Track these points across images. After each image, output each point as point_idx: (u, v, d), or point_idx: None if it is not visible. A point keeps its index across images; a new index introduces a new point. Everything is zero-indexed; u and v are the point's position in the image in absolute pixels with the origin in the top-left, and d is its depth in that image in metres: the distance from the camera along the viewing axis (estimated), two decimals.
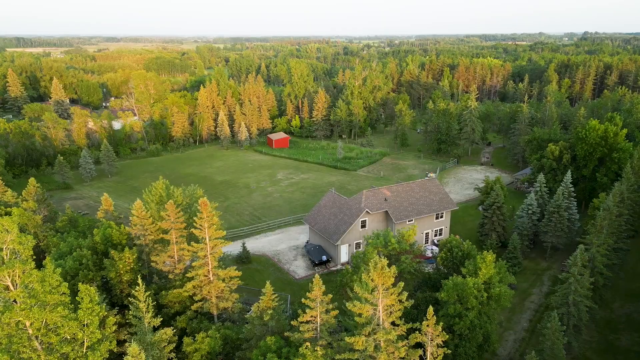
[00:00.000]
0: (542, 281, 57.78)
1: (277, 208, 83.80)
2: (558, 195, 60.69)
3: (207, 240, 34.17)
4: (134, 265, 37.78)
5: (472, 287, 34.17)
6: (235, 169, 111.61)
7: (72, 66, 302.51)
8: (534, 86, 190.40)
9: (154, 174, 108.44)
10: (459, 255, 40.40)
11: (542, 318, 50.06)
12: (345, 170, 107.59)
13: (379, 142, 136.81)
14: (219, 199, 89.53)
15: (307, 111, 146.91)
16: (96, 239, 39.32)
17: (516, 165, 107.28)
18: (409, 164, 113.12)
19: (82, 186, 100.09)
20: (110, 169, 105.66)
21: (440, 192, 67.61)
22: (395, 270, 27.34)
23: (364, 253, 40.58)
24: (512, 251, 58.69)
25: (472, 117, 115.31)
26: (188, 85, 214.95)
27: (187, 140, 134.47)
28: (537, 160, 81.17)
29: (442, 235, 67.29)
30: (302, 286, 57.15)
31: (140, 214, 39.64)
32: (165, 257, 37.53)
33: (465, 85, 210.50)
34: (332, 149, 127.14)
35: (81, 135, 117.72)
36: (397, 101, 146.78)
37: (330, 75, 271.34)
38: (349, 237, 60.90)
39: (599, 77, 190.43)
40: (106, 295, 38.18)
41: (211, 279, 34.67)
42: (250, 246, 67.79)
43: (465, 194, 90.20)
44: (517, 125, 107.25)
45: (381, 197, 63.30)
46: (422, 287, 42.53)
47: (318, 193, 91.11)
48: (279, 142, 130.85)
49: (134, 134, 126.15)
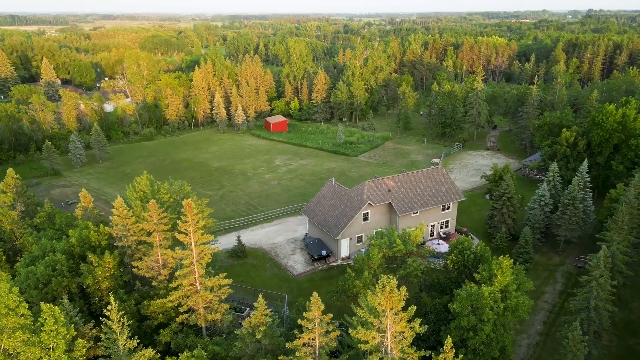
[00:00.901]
0: (556, 278, 54.42)
1: (275, 197, 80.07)
2: (573, 186, 56.84)
3: (193, 246, 30.46)
4: (114, 270, 34.19)
5: (488, 298, 30.63)
6: (232, 154, 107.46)
7: (65, 45, 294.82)
8: (541, 66, 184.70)
9: (147, 159, 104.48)
10: (470, 259, 36.77)
11: (557, 320, 46.95)
12: (345, 156, 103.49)
13: (380, 125, 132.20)
14: (214, 186, 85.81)
15: (306, 93, 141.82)
16: (72, 240, 35.63)
17: (524, 150, 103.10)
18: (412, 148, 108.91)
19: (71, 172, 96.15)
20: (101, 154, 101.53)
21: (446, 181, 63.73)
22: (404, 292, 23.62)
23: (368, 255, 36.95)
24: (523, 245, 55.19)
25: (479, 99, 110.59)
26: (184, 66, 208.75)
27: (182, 124, 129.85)
28: (548, 147, 77.03)
29: (448, 227, 63.73)
30: (301, 283, 53.93)
31: (122, 213, 35.85)
32: (148, 261, 33.91)
33: (470, 65, 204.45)
34: (332, 133, 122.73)
35: (71, 119, 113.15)
36: (400, 82, 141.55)
37: (330, 54, 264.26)
38: (350, 231, 57.33)
39: (608, 56, 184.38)
40: (83, 303, 34.72)
41: (198, 288, 31.10)
42: (246, 239, 64.30)
43: (471, 182, 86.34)
44: (526, 108, 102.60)
45: (384, 188, 59.46)
46: (430, 291, 39.03)
47: (317, 181, 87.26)
48: (277, 126, 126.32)
49: (127, 117, 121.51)
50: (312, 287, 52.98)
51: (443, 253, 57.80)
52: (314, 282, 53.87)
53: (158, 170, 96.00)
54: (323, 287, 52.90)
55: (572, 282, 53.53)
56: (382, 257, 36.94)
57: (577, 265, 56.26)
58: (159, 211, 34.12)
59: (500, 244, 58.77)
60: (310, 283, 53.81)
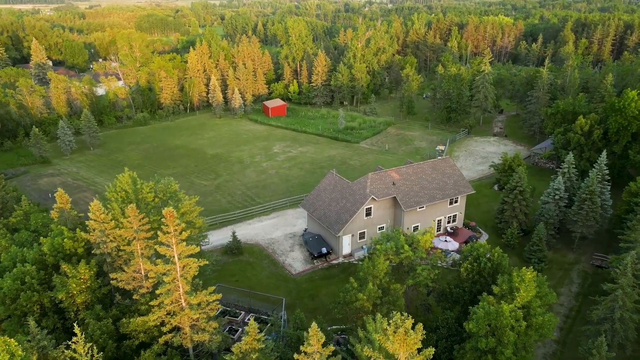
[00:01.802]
0: (571, 278, 51.07)
1: (273, 187, 76.33)
2: (592, 179, 53.01)
3: (177, 260, 26.86)
4: (90, 282, 30.70)
5: (509, 317, 27.16)
6: (228, 140, 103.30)
7: (58, 25, 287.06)
8: (548, 47, 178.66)
9: (140, 145, 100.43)
10: (487, 267, 33.21)
11: (575, 326, 43.76)
12: (346, 143, 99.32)
13: (383, 109, 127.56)
14: (210, 176, 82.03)
15: (305, 75, 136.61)
16: (44, 249, 32.03)
17: (532, 136, 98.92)
18: (416, 134, 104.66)
19: (61, 160, 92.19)
20: (92, 140, 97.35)
21: (454, 173, 59.89)
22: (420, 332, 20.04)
23: (372, 262, 33.39)
24: (536, 243, 51.65)
25: (486, 83, 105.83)
26: (179, 46, 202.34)
27: (176, 108, 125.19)
28: (561, 135, 72.91)
29: (455, 221, 60.18)
30: (300, 283, 50.63)
31: (99, 217, 32.16)
32: (129, 272, 30.38)
33: (474, 46, 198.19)
34: (332, 118, 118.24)
35: (61, 103, 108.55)
36: (404, 65, 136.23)
37: (330, 34, 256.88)
38: (352, 227, 53.79)
39: (619, 37, 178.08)
40: (58, 319, 31.31)
41: (183, 305, 27.63)
42: (242, 233, 60.87)
43: (478, 171, 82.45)
44: (535, 92, 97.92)
45: (388, 181, 55.68)
46: (440, 301, 35.58)
47: (317, 170, 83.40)
48: (276, 110, 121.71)
49: (119, 101, 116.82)
50: (312, 288, 49.87)
51: (451, 251, 54.72)
52: (314, 283, 50.61)
53: (151, 158, 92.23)
54: (323, 287, 49.75)
55: (588, 282, 50.29)
56: (388, 265, 33.36)
57: (594, 264, 52.87)
58: (139, 216, 30.40)
59: (512, 240, 55.37)
60: (310, 283, 50.55)
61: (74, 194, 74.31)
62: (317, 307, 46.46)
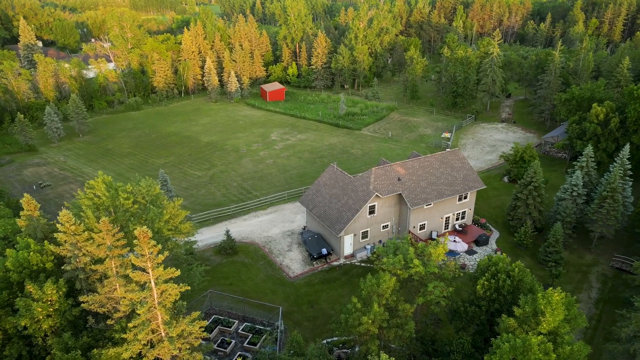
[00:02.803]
0: (590, 282, 47.53)
1: (270, 178, 72.34)
2: (613, 175, 49.02)
3: (153, 286, 23.10)
4: (59, 305, 27.07)
5: (537, 351, 23.53)
6: (224, 127, 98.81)
7: (50, 2, 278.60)
8: (557, 27, 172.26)
9: (131, 132, 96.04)
10: (507, 285, 29.48)
11: (596, 337, 40.38)
12: (348, 130, 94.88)
13: (385, 93, 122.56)
14: (204, 165, 77.96)
15: (305, 57, 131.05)
16: (7, 264, 28.26)
17: (542, 123, 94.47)
18: (420, 121, 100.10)
19: (48, 148, 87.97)
20: (81, 127, 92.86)
21: (464, 167, 55.82)
22: None
23: (377, 279, 29.67)
24: (553, 244, 47.92)
25: (494, 66, 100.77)
26: (174, 26, 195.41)
27: (170, 92, 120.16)
28: (576, 124, 68.56)
29: (464, 218, 56.39)
30: (298, 288, 47.12)
31: (69, 229, 28.30)
32: (103, 294, 26.68)
33: (480, 26, 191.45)
34: (333, 102, 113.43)
35: (48, 87, 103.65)
36: (407, 46, 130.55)
37: (331, 14, 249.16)
38: (354, 226, 50.04)
39: (630, 16, 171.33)
40: (23, 345, 27.75)
41: (162, 335, 23.99)
42: (237, 230, 57.23)
43: (486, 160, 78.34)
44: (546, 76, 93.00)
45: (393, 176, 51.67)
46: (454, 319, 31.98)
47: (317, 159, 79.28)
48: (274, 94, 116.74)
49: (110, 84, 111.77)
50: (311, 293, 46.38)
51: (460, 252, 51.08)
52: (313, 287, 47.10)
53: (143, 146, 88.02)
54: (323, 292, 46.27)
55: (608, 287, 46.79)
56: (395, 281, 29.67)
57: (614, 266, 49.31)
58: (113, 230, 26.53)
59: (525, 240, 51.70)
60: (309, 287, 47.04)
61: (60, 186, 70.54)
62: (316, 316, 43.08)
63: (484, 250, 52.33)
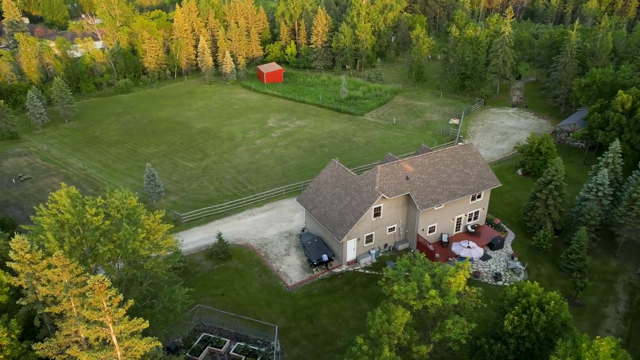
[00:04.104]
0: (616, 293, 43.34)
1: (266, 170, 67.54)
2: None
3: (115, 343, 18.67)
4: (9, 351, 22.75)
5: None
6: (219, 111, 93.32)
7: None
8: (569, 2, 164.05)
9: (121, 118, 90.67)
10: (541, 321, 25.09)
11: None
12: (350, 115, 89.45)
13: (389, 74, 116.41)
14: (196, 155, 73.04)
15: (304, 36, 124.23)
16: None
17: (556, 108, 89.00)
18: (426, 105, 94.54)
19: (32, 135, 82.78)
20: (66, 112, 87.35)
21: (478, 163, 50.97)
22: None
23: (388, 316, 25.24)
24: (576, 251, 43.58)
25: (505, 46, 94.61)
26: (167, 1, 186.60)
27: (162, 73, 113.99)
28: (597, 113, 63.30)
29: (477, 219, 51.86)
30: (296, 299, 42.94)
31: (25, 257, 23.77)
32: (61, 339, 22.34)
33: (488, 1, 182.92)
34: (334, 85, 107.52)
35: (32, 69, 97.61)
36: (413, 24, 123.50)
37: None
38: (358, 230, 45.60)
39: None
40: None
41: None
42: (231, 231, 52.85)
43: (497, 150, 73.36)
44: (562, 58, 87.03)
45: (401, 175, 46.89)
46: (473, 354, 27.71)
47: (317, 148, 74.30)
48: (271, 76, 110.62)
49: (97, 65, 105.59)
50: (311, 305, 42.20)
51: (475, 259, 46.71)
52: (313, 298, 42.93)
53: (132, 133, 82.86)
54: (324, 305, 42.11)
55: (637, 299, 42.61)
56: (409, 316, 25.28)
57: None
58: (72, 266, 21.96)
59: (544, 244, 47.30)
60: (308, 299, 42.87)
61: (41, 180, 65.80)
62: (316, 334, 39.03)
63: (499, 255, 48.02)
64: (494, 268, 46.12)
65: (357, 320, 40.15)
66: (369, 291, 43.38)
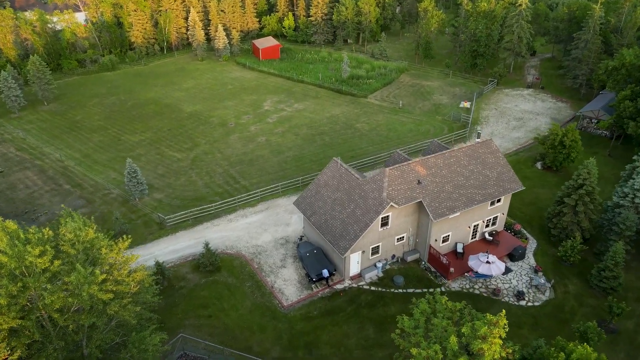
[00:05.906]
0: None
1: (261, 162, 61.67)
2: None
3: None
4: None
5: None
6: (210, 92, 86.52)
7: None
8: None
9: (104, 99, 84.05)
10: None
11: None
12: (352, 97, 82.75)
13: (394, 50, 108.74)
14: (185, 145, 67.01)
15: (303, 7, 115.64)
16: None
17: (577, 90, 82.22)
18: (435, 85, 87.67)
19: (8, 119, 76.44)
20: (45, 93, 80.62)
21: (498, 162, 45.13)
22: None
23: None
24: (610, 268, 38.38)
25: (522, 20, 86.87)
26: None
27: (151, 48, 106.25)
28: (629, 101, 56.92)
29: (495, 225, 46.45)
30: (293, 322, 37.95)
31: None
32: None
33: None
34: (334, 62, 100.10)
35: (8, 45, 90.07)
36: None
37: None
38: (363, 242, 40.25)
39: None
40: None
41: None
42: (221, 236, 47.56)
43: (513, 139, 67.24)
44: (583, 34, 79.71)
45: (412, 178, 41.14)
46: None
47: (316, 136, 68.21)
48: (267, 52, 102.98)
49: (79, 40, 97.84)
50: (309, 331, 37.17)
51: (496, 275, 41.53)
52: (311, 321, 37.93)
53: (116, 117, 76.50)
54: (324, 330, 37.12)
55: None
56: None
57: None
58: None
59: (572, 256, 42.05)
60: (306, 322, 37.88)
61: (14, 173, 60.03)
62: None
63: (520, 268, 42.86)
64: (516, 284, 41.05)
65: (361, 349, 35.33)
66: (375, 313, 38.41)
